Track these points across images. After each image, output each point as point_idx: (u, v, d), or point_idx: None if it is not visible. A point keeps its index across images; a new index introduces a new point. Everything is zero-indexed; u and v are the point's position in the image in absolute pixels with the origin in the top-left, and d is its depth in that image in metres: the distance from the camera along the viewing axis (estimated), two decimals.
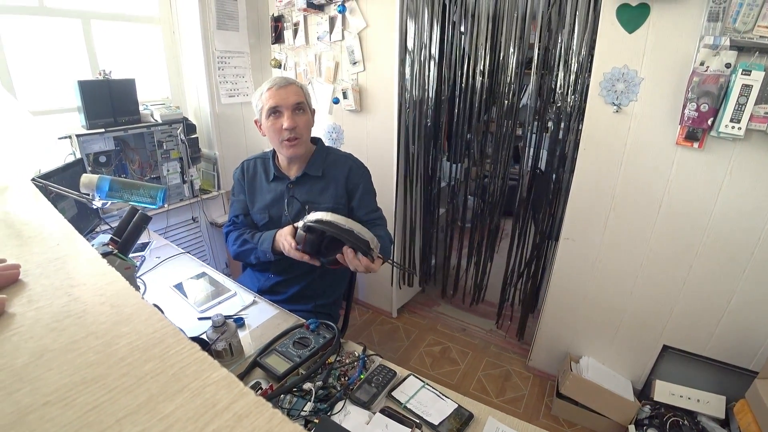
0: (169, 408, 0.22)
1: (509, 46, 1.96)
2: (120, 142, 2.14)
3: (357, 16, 2.15)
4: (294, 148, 1.36)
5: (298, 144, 1.36)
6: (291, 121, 1.31)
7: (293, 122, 1.31)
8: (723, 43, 1.34)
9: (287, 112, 1.31)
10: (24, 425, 0.22)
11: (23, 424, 0.22)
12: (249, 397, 0.23)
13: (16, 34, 1.89)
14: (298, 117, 1.33)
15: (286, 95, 1.31)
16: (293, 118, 1.32)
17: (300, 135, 1.34)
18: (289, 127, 1.31)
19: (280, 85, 1.32)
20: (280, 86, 1.32)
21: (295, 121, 1.32)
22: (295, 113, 1.33)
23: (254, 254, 1.39)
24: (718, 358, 1.69)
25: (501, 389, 2.12)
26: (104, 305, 0.32)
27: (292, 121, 1.31)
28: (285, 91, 1.31)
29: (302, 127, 1.35)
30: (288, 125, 1.31)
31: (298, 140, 1.35)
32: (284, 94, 1.31)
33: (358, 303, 2.81)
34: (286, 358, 1.06)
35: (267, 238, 1.33)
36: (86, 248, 0.46)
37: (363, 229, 1.09)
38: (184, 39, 2.43)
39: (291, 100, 1.31)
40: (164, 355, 0.26)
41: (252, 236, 1.42)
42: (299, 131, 1.34)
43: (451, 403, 0.98)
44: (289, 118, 1.31)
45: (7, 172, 0.78)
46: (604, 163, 1.70)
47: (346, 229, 1.07)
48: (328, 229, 1.07)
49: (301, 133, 1.35)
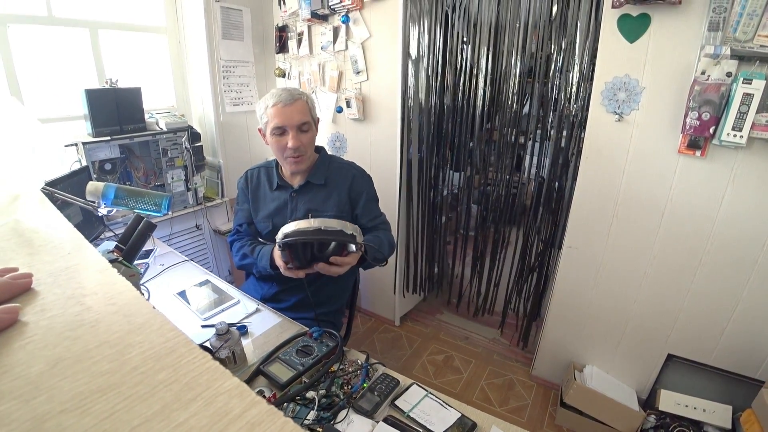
0: (183, 416, 0.23)
1: (511, 54, 1.98)
2: (125, 150, 2.16)
3: (360, 26, 2.18)
4: (297, 164, 1.38)
5: (302, 160, 1.38)
6: (295, 141, 1.32)
7: (298, 142, 1.33)
8: (724, 52, 1.35)
9: (292, 132, 1.32)
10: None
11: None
12: (261, 406, 0.23)
13: (26, 43, 1.93)
14: (302, 136, 1.35)
15: (291, 114, 1.31)
16: (298, 137, 1.33)
17: (304, 152, 1.37)
18: (294, 146, 1.33)
19: (286, 103, 1.31)
20: (285, 104, 1.31)
21: (299, 140, 1.33)
22: (300, 132, 1.34)
23: (255, 269, 1.42)
24: (723, 367, 1.67)
25: (504, 398, 2.11)
26: (116, 314, 0.33)
27: (297, 140, 1.33)
28: (290, 109, 1.31)
29: (306, 144, 1.36)
30: (292, 145, 1.32)
31: (302, 156, 1.37)
32: (289, 113, 1.31)
33: (361, 311, 2.80)
34: (289, 366, 1.06)
35: (264, 255, 1.35)
36: (96, 257, 0.46)
37: (330, 222, 1.12)
38: (190, 48, 2.47)
39: (296, 119, 1.32)
40: (177, 364, 0.27)
41: (252, 250, 1.43)
42: (303, 149, 1.36)
43: (455, 412, 0.98)
44: (293, 138, 1.32)
45: (17, 179, 0.79)
46: (607, 171, 1.71)
47: (313, 229, 1.09)
48: (297, 238, 1.10)
49: (305, 150, 1.37)
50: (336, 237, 1.11)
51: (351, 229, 1.13)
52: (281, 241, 1.12)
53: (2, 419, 0.24)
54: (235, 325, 1.24)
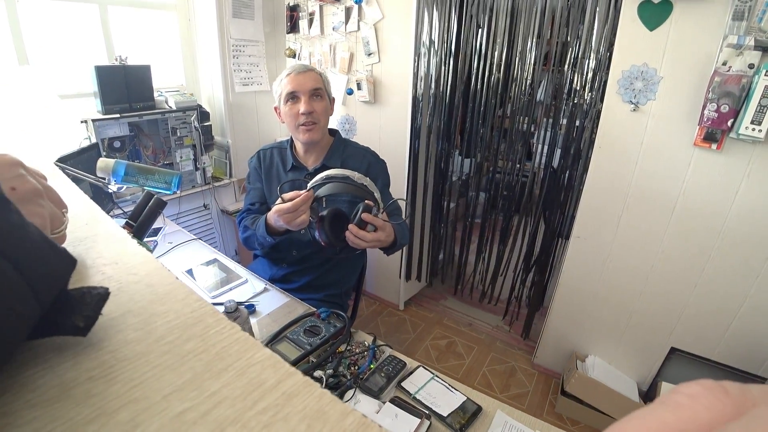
0: (216, 386, 0.23)
1: (527, 41, 1.94)
2: (134, 128, 2.15)
3: (373, 7, 2.14)
4: (310, 133, 1.35)
5: (315, 129, 1.35)
6: (308, 106, 1.32)
7: (310, 107, 1.32)
8: (747, 42, 1.31)
9: (304, 97, 1.32)
10: (69, 399, 0.23)
11: (68, 398, 0.23)
12: (297, 377, 0.23)
13: (35, 19, 1.91)
14: (315, 102, 1.34)
15: (304, 80, 1.32)
16: (310, 103, 1.33)
17: (317, 120, 1.35)
18: (306, 111, 1.32)
19: (299, 71, 1.33)
20: (298, 72, 1.33)
21: (311, 106, 1.33)
22: (313, 99, 1.34)
23: (256, 240, 1.38)
24: (726, 362, 1.68)
25: (505, 385, 2.13)
26: (139, 284, 0.33)
27: (309, 105, 1.32)
28: (303, 76, 1.33)
29: (319, 112, 1.35)
30: (304, 110, 1.31)
31: (315, 125, 1.35)
32: (302, 79, 1.32)
33: (366, 294, 2.82)
34: (297, 345, 1.07)
35: (261, 223, 1.31)
36: (115, 228, 0.46)
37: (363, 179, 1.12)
38: (200, 26, 2.43)
39: (308, 85, 1.32)
40: (204, 334, 0.27)
41: (252, 222, 1.42)
42: (316, 116, 1.34)
43: (460, 395, 0.99)
44: (306, 103, 1.32)
45: (35, 154, 0.79)
46: (619, 161, 1.68)
47: (344, 176, 1.11)
48: (328, 181, 1.12)
49: (318, 119, 1.35)
50: (368, 195, 1.12)
51: (379, 199, 1.15)
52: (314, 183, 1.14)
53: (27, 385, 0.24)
54: (244, 304, 1.25)
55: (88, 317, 0.25)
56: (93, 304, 0.25)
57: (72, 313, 0.25)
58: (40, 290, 0.23)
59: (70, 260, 0.27)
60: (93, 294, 0.26)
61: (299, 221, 1.13)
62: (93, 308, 0.25)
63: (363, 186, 1.11)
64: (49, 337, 0.25)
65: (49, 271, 0.24)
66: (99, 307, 0.26)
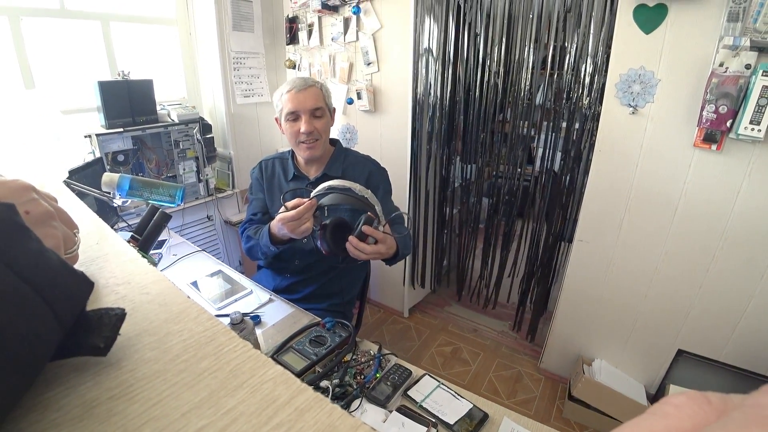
0: (231, 403, 0.23)
1: (524, 46, 1.96)
2: (138, 142, 2.17)
3: (371, 17, 2.16)
4: (311, 150, 1.37)
5: (316, 146, 1.37)
6: (308, 126, 1.33)
7: (310, 126, 1.33)
8: (743, 43, 1.32)
9: (305, 116, 1.33)
10: (93, 418, 0.24)
11: (92, 417, 0.24)
12: (308, 393, 0.24)
13: (39, 36, 1.94)
14: (315, 121, 1.35)
15: (305, 99, 1.33)
16: (311, 122, 1.34)
17: (318, 137, 1.36)
18: (306, 131, 1.33)
19: (300, 89, 1.33)
20: (299, 90, 1.33)
21: (312, 125, 1.34)
22: (313, 118, 1.35)
23: (259, 250, 1.38)
24: (734, 363, 1.67)
25: (512, 391, 2.12)
26: (152, 303, 0.34)
27: (309, 125, 1.33)
28: (304, 95, 1.33)
29: (320, 129, 1.36)
30: (305, 130, 1.33)
31: (317, 142, 1.37)
32: (302, 98, 1.33)
33: (370, 302, 2.82)
34: (302, 355, 1.07)
35: (265, 232, 1.31)
36: (124, 247, 0.47)
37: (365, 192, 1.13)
38: (200, 40, 2.47)
39: (309, 104, 1.33)
40: (218, 352, 0.28)
41: (255, 232, 1.42)
42: (317, 134, 1.36)
43: (467, 403, 0.99)
44: (306, 123, 1.33)
45: (41, 170, 0.80)
46: (620, 164, 1.69)
47: (345, 187, 1.12)
48: (330, 192, 1.12)
49: (319, 135, 1.37)
50: (369, 208, 1.12)
51: (380, 213, 1.15)
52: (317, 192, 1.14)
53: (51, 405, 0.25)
54: (249, 315, 1.26)
55: (108, 337, 0.26)
56: (111, 324, 0.26)
57: (92, 333, 0.26)
58: (62, 313, 0.24)
59: (87, 283, 0.28)
60: (111, 315, 0.27)
61: (302, 229, 1.15)
62: (111, 329, 0.26)
63: (364, 198, 1.12)
64: (71, 357, 0.26)
65: (69, 295, 0.25)
66: (117, 328, 0.27)
